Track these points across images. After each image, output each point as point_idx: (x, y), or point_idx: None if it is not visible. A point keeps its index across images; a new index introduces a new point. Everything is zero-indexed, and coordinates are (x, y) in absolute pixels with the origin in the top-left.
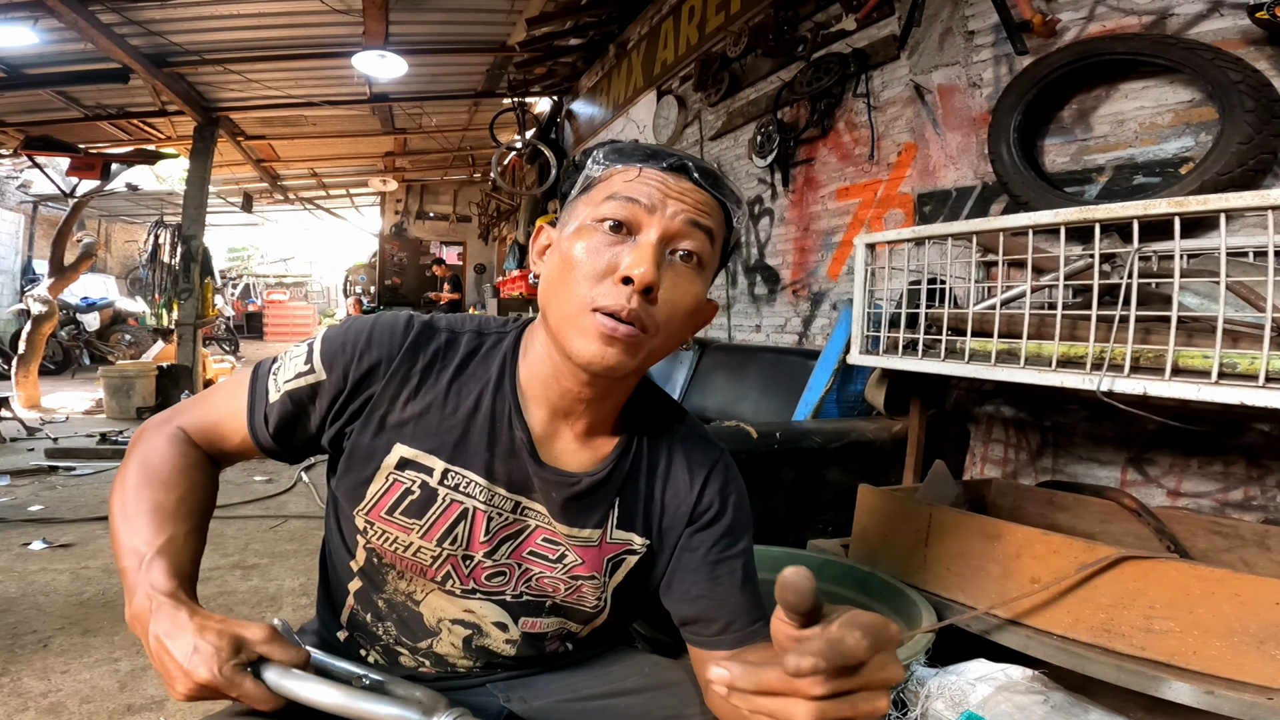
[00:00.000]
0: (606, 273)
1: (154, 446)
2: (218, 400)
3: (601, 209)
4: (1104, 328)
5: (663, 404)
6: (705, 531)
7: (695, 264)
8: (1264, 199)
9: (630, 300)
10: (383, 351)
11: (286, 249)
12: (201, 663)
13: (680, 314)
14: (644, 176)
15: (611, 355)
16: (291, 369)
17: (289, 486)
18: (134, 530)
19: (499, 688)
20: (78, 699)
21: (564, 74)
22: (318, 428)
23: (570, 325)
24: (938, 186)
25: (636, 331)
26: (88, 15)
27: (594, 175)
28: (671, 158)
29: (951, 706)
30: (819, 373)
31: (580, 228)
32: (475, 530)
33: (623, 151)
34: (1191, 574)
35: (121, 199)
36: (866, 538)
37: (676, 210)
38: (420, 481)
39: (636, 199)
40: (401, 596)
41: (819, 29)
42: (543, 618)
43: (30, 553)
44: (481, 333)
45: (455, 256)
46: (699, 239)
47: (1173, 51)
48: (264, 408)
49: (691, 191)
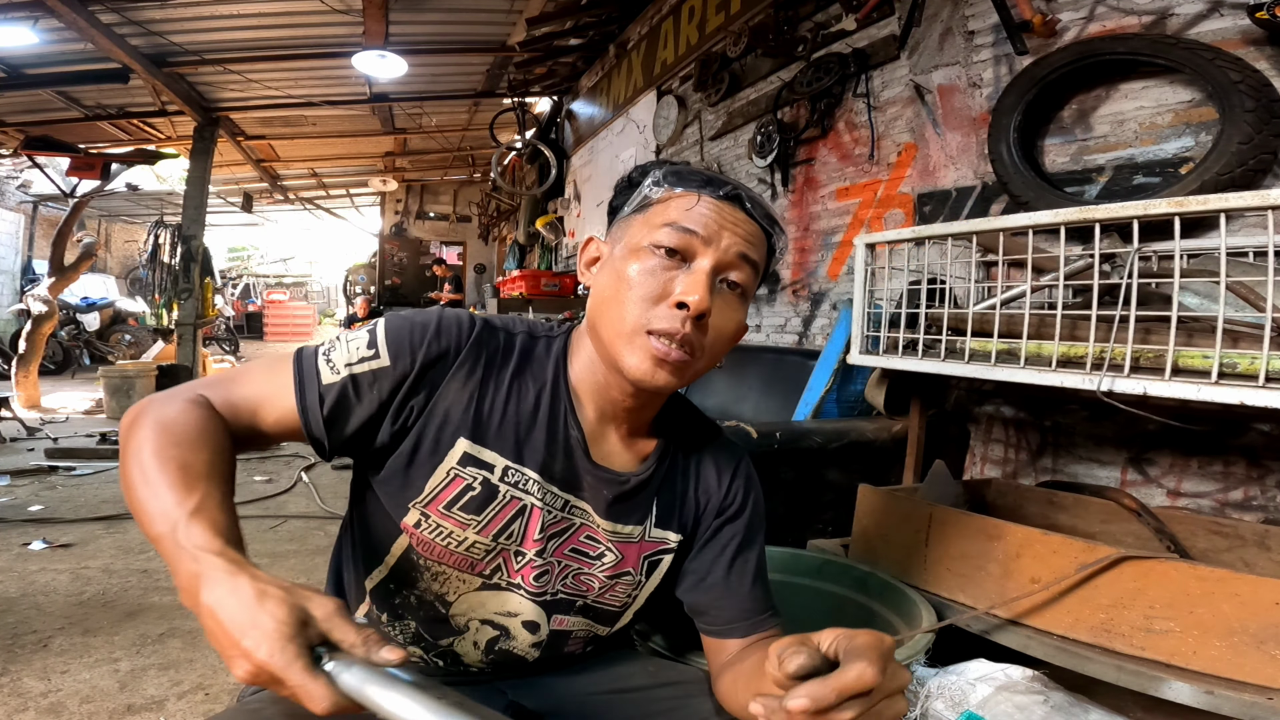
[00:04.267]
0: (661, 297)
1: (170, 410)
2: (252, 378)
3: (659, 235)
4: (1104, 328)
5: (691, 413)
6: (730, 524)
7: (740, 294)
8: (1264, 199)
9: (685, 325)
10: (450, 342)
11: (286, 249)
12: (263, 640)
13: (725, 339)
14: (701, 204)
15: (662, 377)
16: (352, 353)
17: (289, 486)
18: (160, 494)
19: (506, 685)
20: (78, 699)
21: (564, 74)
22: (367, 419)
23: (624, 342)
24: (938, 186)
25: (686, 356)
26: (88, 15)
27: (652, 197)
28: (727, 185)
29: (951, 706)
30: (819, 373)
31: (636, 249)
32: (530, 527)
33: (681, 175)
34: (1191, 574)
35: (121, 199)
36: (866, 538)
37: (730, 243)
38: (482, 479)
39: (694, 230)
40: (432, 596)
41: (819, 29)
42: (572, 616)
43: (30, 553)
44: (533, 335)
45: (455, 256)
46: (746, 271)
47: (1173, 51)
48: (317, 388)
49: (744, 223)
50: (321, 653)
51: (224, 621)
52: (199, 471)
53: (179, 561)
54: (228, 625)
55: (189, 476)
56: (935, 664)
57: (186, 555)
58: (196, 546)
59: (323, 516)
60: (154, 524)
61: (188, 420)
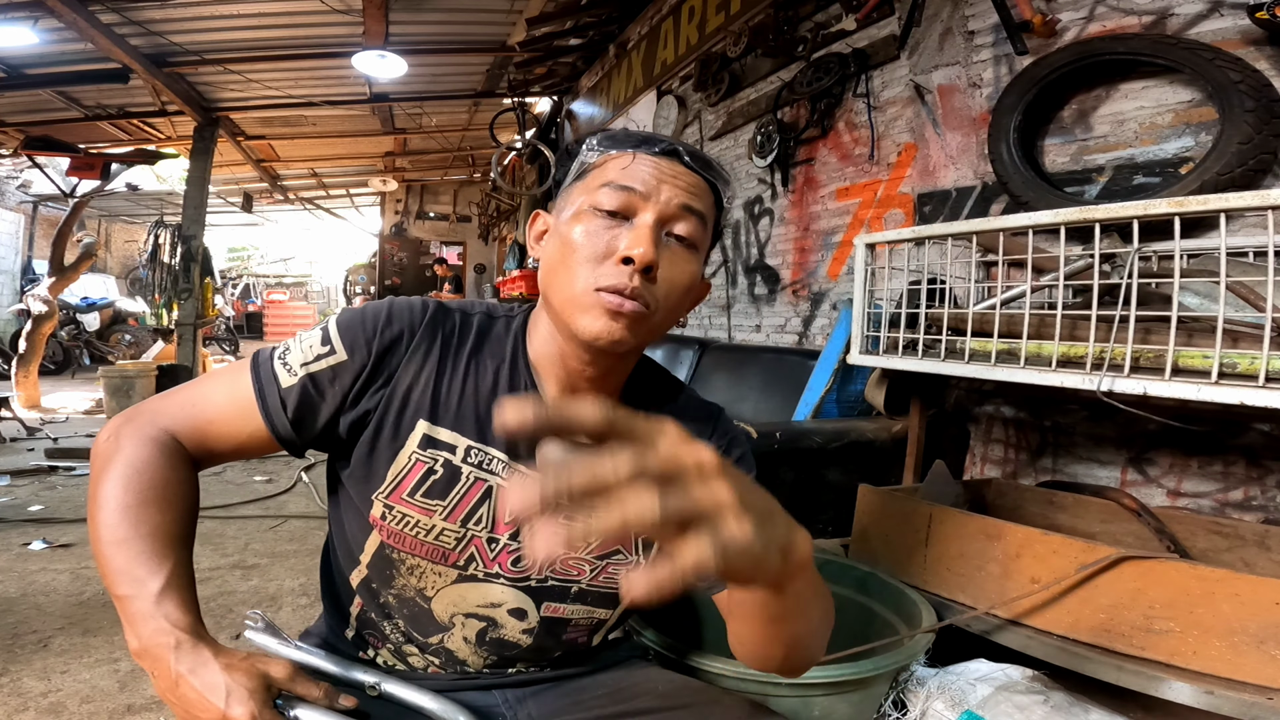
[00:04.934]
0: (606, 255)
1: (141, 456)
2: (210, 394)
3: (598, 196)
4: (1104, 328)
5: (661, 378)
6: None
7: (689, 245)
8: (1264, 199)
9: (632, 279)
10: (403, 326)
11: (286, 249)
12: (239, 703)
13: (678, 291)
14: (638, 162)
15: (618, 330)
16: (307, 352)
17: (289, 486)
18: (132, 556)
19: (507, 699)
20: (78, 699)
21: (564, 74)
22: (333, 413)
23: (574, 305)
24: (938, 186)
25: (641, 308)
26: (88, 15)
27: (589, 162)
28: (663, 142)
29: (951, 706)
30: (819, 373)
31: (578, 213)
32: (500, 510)
33: (616, 138)
34: (1191, 574)
35: (121, 199)
36: (866, 538)
37: (671, 195)
38: (443, 460)
39: (631, 186)
40: (411, 592)
41: (819, 29)
42: (567, 603)
43: (30, 553)
44: (491, 315)
45: (455, 256)
46: (692, 222)
47: (1173, 51)
48: (276, 393)
49: (684, 175)
50: (280, 704)
51: (198, 688)
52: (170, 536)
53: (142, 625)
54: (203, 692)
55: (159, 543)
56: (935, 664)
57: (154, 626)
58: (169, 620)
59: (323, 516)
60: (121, 584)
61: (157, 471)
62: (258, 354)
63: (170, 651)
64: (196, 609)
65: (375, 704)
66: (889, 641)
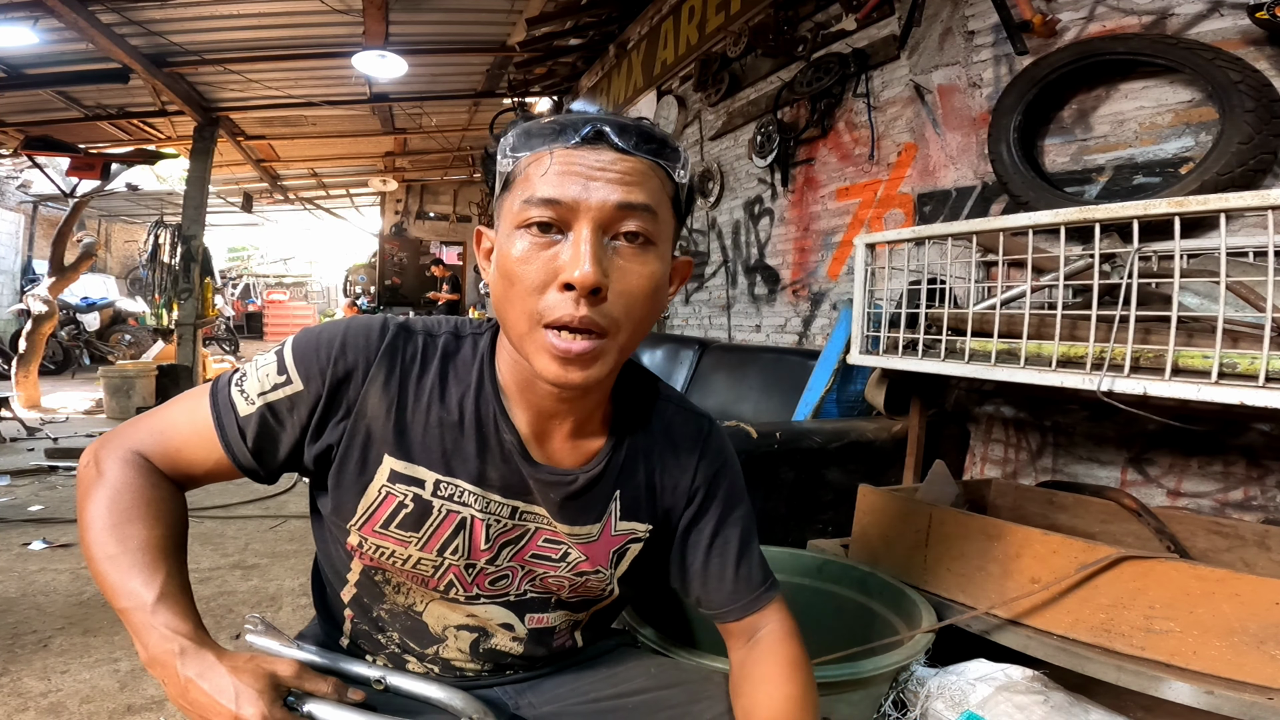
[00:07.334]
0: (547, 281)
1: (122, 479)
2: (175, 421)
3: (522, 215)
4: (1104, 328)
5: (646, 389)
6: (702, 508)
7: (641, 242)
8: (1264, 199)
9: (579, 306)
10: (358, 356)
11: (286, 249)
12: (248, 703)
13: (640, 301)
14: (558, 161)
15: (575, 374)
16: (265, 380)
17: (289, 486)
18: (123, 570)
19: (508, 692)
20: (78, 699)
21: (564, 74)
22: (294, 444)
23: (528, 344)
24: (938, 186)
25: (592, 343)
26: (88, 15)
27: (506, 171)
28: (584, 127)
29: (951, 706)
30: (819, 373)
31: (509, 234)
32: (475, 539)
33: (530, 134)
34: (1191, 574)
35: (121, 199)
36: (866, 538)
37: (604, 195)
38: (413, 495)
39: (554, 197)
40: (401, 609)
41: (819, 29)
42: (549, 613)
43: (30, 553)
44: (458, 334)
45: (455, 256)
46: (638, 216)
47: (1173, 51)
48: (234, 423)
49: (616, 162)
50: (292, 701)
51: (208, 691)
52: (160, 549)
53: (147, 636)
54: (214, 694)
55: (150, 556)
56: (935, 664)
57: (158, 634)
58: (169, 628)
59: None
60: (119, 599)
61: (138, 492)
62: (216, 381)
63: (175, 658)
64: (195, 615)
65: (382, 697)
66: (889, 641)
